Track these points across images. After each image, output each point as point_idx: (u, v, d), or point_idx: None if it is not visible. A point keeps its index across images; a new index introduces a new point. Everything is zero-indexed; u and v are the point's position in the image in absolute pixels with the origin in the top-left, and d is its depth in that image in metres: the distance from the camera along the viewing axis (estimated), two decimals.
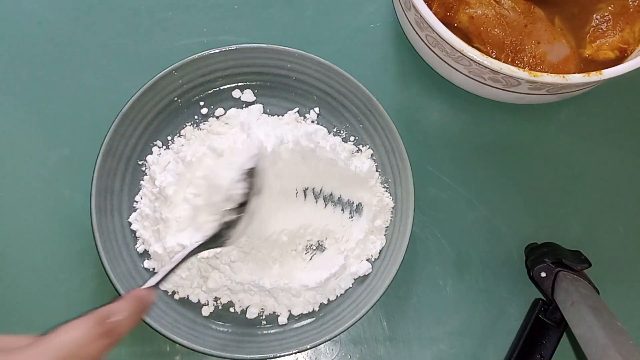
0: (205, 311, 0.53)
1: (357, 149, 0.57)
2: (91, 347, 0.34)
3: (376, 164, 0.56)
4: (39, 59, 0.60)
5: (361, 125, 0.57)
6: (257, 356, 0.50)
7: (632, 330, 0.48)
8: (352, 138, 0.57)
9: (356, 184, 0.55)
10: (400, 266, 0.52)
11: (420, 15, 0.51)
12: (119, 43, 0.60)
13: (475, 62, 0.50)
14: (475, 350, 0.56)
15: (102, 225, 0.52)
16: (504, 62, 0.50)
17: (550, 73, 0.51)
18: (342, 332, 0.51)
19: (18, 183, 0.56)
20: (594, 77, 0.50)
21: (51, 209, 0.56)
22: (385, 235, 0.55)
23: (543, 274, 0.54)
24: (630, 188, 0.61)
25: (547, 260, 0.54)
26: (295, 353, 0.51)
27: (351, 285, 0.54)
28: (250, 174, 0.49)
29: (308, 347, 0.50)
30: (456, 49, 0.50)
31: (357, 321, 0.51)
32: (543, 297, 0.56)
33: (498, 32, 0.54)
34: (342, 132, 0.58)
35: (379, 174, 0.56)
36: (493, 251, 0.58)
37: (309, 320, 0.53)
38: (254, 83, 0.58)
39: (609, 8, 0.57)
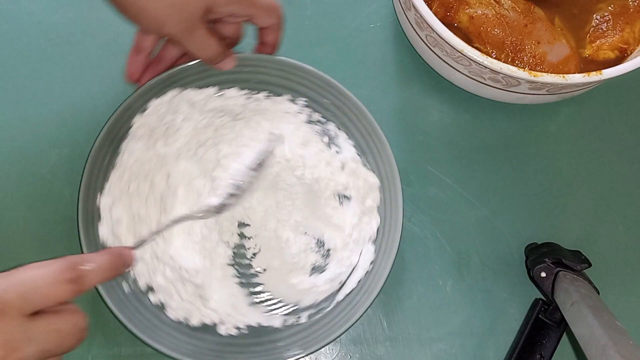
0: (223, 330, 0.51)
1: (333, 134, 0.55)
2: (56, 289, 0.34)
3: (354, 146, 0.54)
4: (39, 59, 0.59)
5: (329, 112, 0.55)
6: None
7: (632, 330, 0.48)
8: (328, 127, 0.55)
9: (337, 171, 0.55)
10: (398, 250, 0.50)
11: (420, 15, 0.51)
12: (119, 43, 0.60)
13: (475, 62, 0.50)
14: (475, 350, 0.56)
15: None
16: (504, 62, 0.50)
17: (550, 73, 0.51)
18: (342, 333, 0.50)
19: (18, 183, 0.56)
20: (594, 77, 0.50)
21: (51, 209, 0.56)
22: (378, 213, 0.53)
23: (543, 274, 0.54)
24: (630, 188, 0.61)
25: (547, 260, 0.54)
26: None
27: (362, 277, 0.52)
28: (262, 164, 0.50)
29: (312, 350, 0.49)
30: (456, 49, 0.50)
31: (356, 321, 0.51)
32: (543, 297, 0.56)
33: (498, 32, 0.54)
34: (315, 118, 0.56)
35: (359, 156, 0.54)
36: (493, 251, 0.58)
37: (308, 320, 0.53)
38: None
39: (609, 8, 0.57)
